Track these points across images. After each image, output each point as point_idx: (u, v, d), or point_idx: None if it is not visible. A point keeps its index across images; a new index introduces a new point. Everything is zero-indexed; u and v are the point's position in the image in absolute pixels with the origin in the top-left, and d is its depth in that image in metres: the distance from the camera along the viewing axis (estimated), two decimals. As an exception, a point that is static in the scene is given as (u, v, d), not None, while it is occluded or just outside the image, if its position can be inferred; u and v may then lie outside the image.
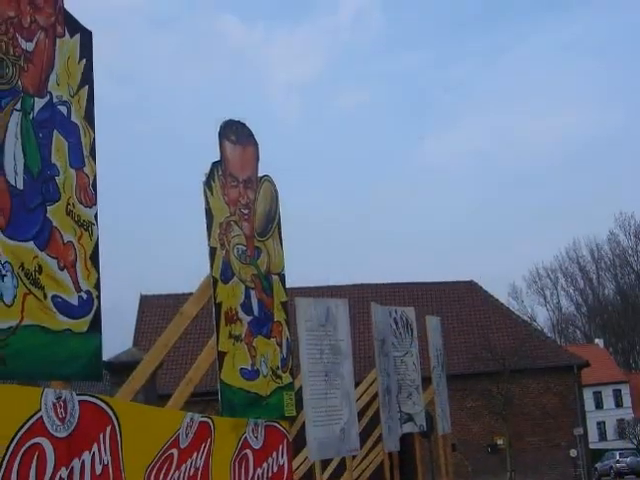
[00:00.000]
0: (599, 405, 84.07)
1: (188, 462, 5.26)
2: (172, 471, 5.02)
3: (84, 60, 4.57)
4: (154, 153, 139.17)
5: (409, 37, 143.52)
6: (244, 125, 6.81)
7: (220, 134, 6.52)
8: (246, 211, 6.71)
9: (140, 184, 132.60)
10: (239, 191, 6.65)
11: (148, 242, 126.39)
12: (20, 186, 3.95)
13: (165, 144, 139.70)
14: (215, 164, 6.42)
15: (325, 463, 11.37)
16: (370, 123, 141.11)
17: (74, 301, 4.24)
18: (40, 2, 4.21)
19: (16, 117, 3.97)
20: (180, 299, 36.27)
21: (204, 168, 6.35)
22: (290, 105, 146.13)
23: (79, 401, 4.10)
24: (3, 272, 3.76)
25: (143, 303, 46.32)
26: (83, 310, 4.30)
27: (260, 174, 6.97)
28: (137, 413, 4.85)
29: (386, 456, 12.16)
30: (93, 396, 4.29)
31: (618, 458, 59.03)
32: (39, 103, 4.16)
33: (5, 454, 3.58)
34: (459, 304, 47.17)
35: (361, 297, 40.97)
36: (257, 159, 6.95)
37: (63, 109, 4.35)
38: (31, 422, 3.75)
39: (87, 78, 4.58)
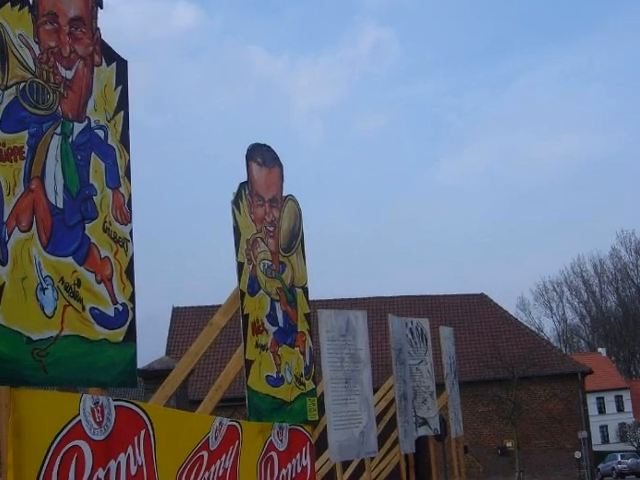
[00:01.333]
0: (602, 410, 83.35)
1: (217, 463, 5.21)
2: (202, 472, 4.98)
3: (120, 87, 4.56)
4: (185, 174, 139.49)
5: (424, 67, 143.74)
6: (270, 148, 6.78)
7: (247, 156, 6.50)
8: (271, 228, 6.67)
9: (173, 203, 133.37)
10: (265, 210, 6.62)
11: (180, 257, 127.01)
12: (60, 205, 3.93)
13: (196, 165, 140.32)
14: (242, 184, 6.39)
15: (345, 464, 11.30)
16: (388, 146, 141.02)
17: (110, 313, 4.21)
18: (79, 33, 4.21)
19: (56, 140, 3.96)
20: (210, 311, 36.34)
21: (232, 188, 6.33)
22: (313, 129, 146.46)
23: (115, 406, 4.07)
24: (44, 286, 3.74)
25: (175, 314, 46.48)
26: (119, 321, 4.27)
27: (285, 194, 6.94)
28: (169, 417, 4.81)
29: (402, 458, 12.09)
30: (128, 401, 4.26)
31: (620, 460, 58.57)
32: (78, 127, 4.15)
33: (46, 455, 3.55)
34: (471, 315, 47.06)
35: (379, 309, 41.01)
36: (282, 180, 6.91)
37: (100, 133, 4.34)
38: (70, 426, 3.72)
39: (123, 104, 4.56)
